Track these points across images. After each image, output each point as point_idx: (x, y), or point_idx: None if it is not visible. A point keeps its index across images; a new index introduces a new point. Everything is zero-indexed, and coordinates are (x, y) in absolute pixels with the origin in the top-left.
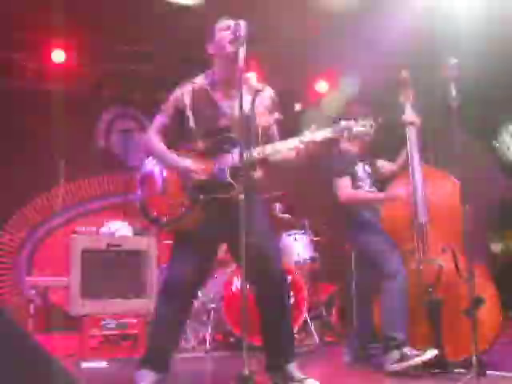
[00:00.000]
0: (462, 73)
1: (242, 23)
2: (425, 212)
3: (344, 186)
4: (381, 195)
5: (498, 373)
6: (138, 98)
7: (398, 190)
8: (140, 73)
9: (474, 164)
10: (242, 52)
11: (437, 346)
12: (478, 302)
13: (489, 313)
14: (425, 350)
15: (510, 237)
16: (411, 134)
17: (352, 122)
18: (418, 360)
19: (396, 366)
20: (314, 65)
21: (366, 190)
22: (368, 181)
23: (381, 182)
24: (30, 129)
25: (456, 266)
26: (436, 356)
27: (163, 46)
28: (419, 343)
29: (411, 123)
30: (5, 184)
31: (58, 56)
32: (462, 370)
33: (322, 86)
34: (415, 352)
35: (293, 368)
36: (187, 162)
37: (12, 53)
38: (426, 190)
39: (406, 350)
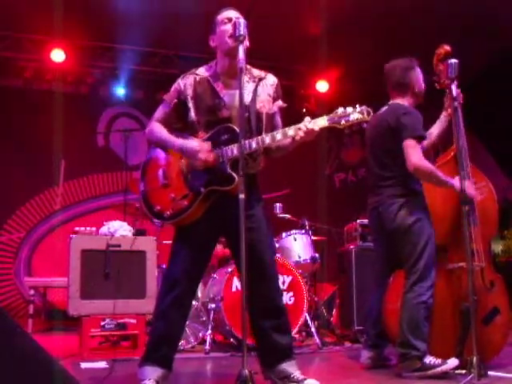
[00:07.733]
0: None
1: (242, 21)
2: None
3: (415, 150)
4: (454, 182)
5: (498, 374)
6: (138, 98)
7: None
8: (140, 73)
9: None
10: (241, 50)
11: (459, 355)
12: (495, 312)
13: (502, 323)
14: (446, 360)
15: (510, 237)
16: (459, 116)
17: (349, 109)
18: (439, 370)
19: (415, 375)
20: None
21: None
22: None
23: None
24: (29, 129)
25: (482, 271)
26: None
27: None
28: (441, 351)
29: (460, 103)
30: (5, 184)
31: (58, 56)
32: (462, 371)
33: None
34: (437, 361)
35: (292, 368)
36: (194, 143)
37: (12, 53)
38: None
39: (427, 359)
